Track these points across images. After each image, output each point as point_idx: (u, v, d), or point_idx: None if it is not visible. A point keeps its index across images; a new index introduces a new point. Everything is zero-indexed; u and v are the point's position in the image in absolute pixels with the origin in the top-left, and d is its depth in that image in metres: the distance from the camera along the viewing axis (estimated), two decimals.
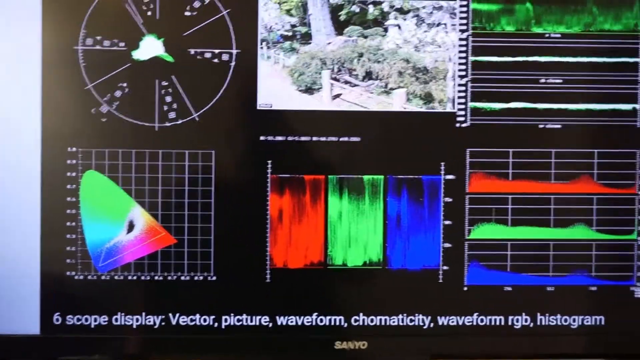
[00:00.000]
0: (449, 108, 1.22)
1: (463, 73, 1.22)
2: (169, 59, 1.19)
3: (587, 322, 1.25)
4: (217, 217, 1.20)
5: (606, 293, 1.25)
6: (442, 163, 1.23)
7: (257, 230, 1.21)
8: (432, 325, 1.24)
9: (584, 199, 1.24)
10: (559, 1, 1.23)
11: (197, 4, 1.19)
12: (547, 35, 1.23)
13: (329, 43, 1.21)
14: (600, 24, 1.23)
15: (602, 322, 1.25)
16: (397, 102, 1.22)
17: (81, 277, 1.20)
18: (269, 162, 1.21)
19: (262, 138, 1.21)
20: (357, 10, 1.21)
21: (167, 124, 1.20)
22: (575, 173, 1.24)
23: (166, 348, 1.23)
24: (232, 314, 1.22)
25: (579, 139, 1.24)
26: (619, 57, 1.23)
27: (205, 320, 1.21)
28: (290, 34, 1.21)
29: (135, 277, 1.20)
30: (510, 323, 1.24)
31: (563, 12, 1.23)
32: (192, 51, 1.19)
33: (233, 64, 1.20)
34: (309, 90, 1.21)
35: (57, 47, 1.18)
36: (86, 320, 1.20)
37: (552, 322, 1.25)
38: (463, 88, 1.22)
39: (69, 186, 1.19)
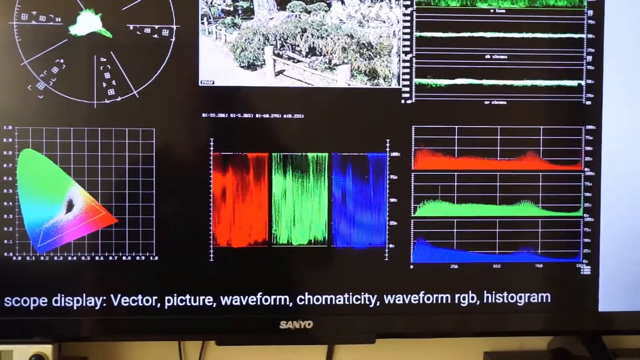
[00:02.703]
0: (394, 84, 1.21)
1: (408, 49, 1.21)
2: (107, 34, 1.17)
3: (534, 299, 1.25)
4: (159, 196, 1.18)
5: (552, 270, 1.25)
6: (388, 140, 1.22)
7: (200, 209, 1.19)
8: (378, 304, 1.23)
9: (530, 176, 1.24)
10: None
11: None
12: (492, 10, 1.22)
13: (272, 18, 1.19)
14: None
15: (549, 299, 1.25)
16: (341, 79, 1.20)
17: (19, 258, 1.17)
18: (212, 139, 1.19)
19: (204, 115, 1.19)
20: None
21: (106, 101, 1.17)
22: (521, 150, 1.23)
23: (108, 329, 1.21)
24: (175, 294, 1.20)
25: (525, 115, 1.23)
26: (564, 33, 1.23)
27: (147, 300, 1.19)
28: (231, 8, 1.19)
29: (75, 258, 1.18)
30: (456, 301, 1.24)
31: None
32: (131, 26, 1.17)
33: (173, 39, 1.17)
34: (252, 66, 1.19)
35: None
36: (25, 302, 1.18)
37: (499, 299, 1.25)
38: (408, 64, 1.21)
39: (5, 165, 1.16)
